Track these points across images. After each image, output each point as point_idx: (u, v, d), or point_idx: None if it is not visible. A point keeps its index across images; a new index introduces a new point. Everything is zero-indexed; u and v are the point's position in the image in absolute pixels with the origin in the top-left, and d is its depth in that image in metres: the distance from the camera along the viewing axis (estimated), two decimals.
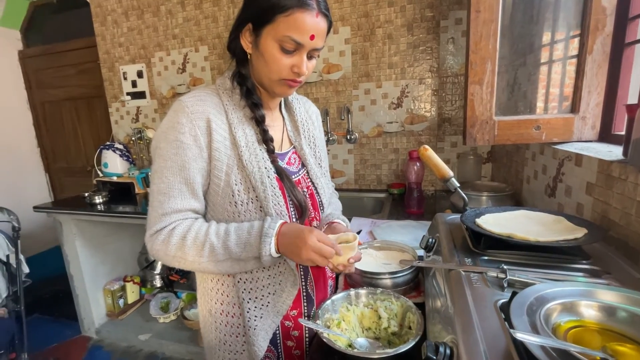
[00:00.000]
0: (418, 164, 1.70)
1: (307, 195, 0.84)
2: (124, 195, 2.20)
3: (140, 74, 2.54)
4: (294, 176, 0.83)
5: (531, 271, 0.60)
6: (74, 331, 2.37)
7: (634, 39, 0.95)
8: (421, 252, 0.92)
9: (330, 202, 0.99)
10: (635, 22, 0.94)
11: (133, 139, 2.42)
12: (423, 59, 1.87)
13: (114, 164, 2.29)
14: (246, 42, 0.74)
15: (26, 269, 1.91)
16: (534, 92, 1.16)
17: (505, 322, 0.46)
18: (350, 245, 0.72)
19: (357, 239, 0.74)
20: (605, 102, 1.01)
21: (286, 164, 0.84)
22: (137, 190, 2.23)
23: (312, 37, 0.68)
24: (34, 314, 2.63)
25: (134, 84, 2.57)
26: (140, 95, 2.58)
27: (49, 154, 3.38)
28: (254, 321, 0.79)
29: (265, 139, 0.78)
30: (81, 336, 2.35)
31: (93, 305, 2.31)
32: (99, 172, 2.36)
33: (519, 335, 0.38)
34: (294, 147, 0.88)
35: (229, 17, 2.20)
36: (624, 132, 0.84)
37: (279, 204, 0.76)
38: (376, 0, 1.87)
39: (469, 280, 0.59)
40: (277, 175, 0.78)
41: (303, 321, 0.74)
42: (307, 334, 0.87)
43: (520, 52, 1.16)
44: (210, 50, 2.30)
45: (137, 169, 2.32)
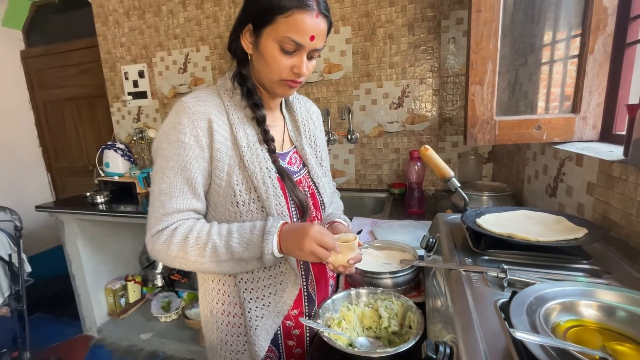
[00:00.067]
0: (419, 164, 1.70)
1: (309, 195, 0.85)
2: (125, 195, 2.21)
3: (141, 74, 2.54)
4: (295, 176, 0.83)
5: (532, 271, 0.60)
6: (75, 330, 2.38)
7: (635, 38, 0.95)
8: (422, 252, 0.92)
9: (331, 202, 0.99)
10: (637, 22, 0.94)
11: (134, 138, 2.43)
12: (424, 58, 1.86)
13: (116, 164, 2.30)
14: (246, 42, 0.74)
15: (28, 268, 1.92)
16: (534, 92, 1.16)
17: (505, 321, 0.46)
18: (349, 244, 0.72)
19: (357, 240, 0.74)
20: (606, 102, 1.01)
21: (287, 163, 0.84)
22: (138, 190, 2.23)
23: (312, 38, 0.69)
24: (36, 313, 2.64)
25: (135, 83, 2.58)
26: (142, 95, 2.58)
27: (51, 154, 3.39)
28: (255, 321, 0.79)
29: (267, 139, 0.78)
30: (83, 335, 2.36)
31: (95, 305, 2.32)
32: (100, 172, 2.37)
33: (519, 335, 0.38)
34: (295, 147, 0.89)
35: (230, 17, 2.20)
36: (624, 132, 0.84)
37: (280, 203, 0.76)
38: (377, 0, 1.88)
39: (469, 280, 0.59)
40: (278, 175, 0.78)
41: (304, 320, 0.74)
42: (308, 333, 0.87)
43: (521, 52, 1.16)
44: (211, 50, 2.31)
45: (139, 168, 2.32)
